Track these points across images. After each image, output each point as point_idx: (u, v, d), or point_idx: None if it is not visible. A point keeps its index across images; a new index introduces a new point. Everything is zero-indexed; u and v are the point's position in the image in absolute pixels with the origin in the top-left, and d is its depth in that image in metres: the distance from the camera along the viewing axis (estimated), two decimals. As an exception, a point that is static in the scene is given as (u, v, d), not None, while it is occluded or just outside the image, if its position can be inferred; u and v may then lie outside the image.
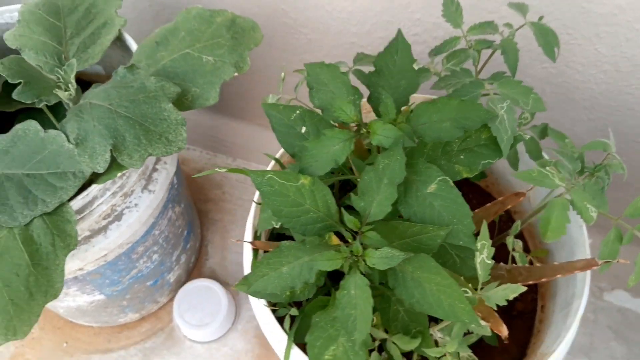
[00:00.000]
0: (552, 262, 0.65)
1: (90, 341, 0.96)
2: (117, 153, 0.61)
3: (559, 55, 0.58)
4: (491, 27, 0.57)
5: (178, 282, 0.97)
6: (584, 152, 0.53)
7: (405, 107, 0.53)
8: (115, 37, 0.73)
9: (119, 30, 0.74)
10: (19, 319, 0.59)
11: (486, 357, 0.62)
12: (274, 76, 0.92)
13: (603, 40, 0.67)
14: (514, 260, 0.60)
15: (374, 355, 0.52)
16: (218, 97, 0.67)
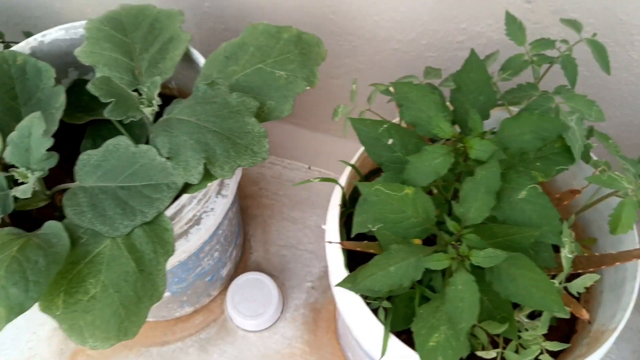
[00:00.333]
0: (598, 249, 0.73)
1: (147, 335, 1.02)
2: (210, 165, 0.66)
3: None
4: (549, 43, 0.64)
5: (228, 276, 1.03)
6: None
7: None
8: (184, 52, 0.78)
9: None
10: (129, 321, 0.65)
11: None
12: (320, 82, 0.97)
13: (636, 48, 0.75)
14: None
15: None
16: (292, 109, 0.73)
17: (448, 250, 0.53)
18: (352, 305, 0.64)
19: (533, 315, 0.60)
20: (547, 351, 0.57)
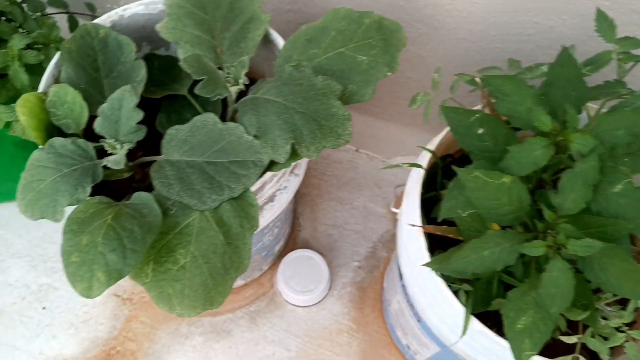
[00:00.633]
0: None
1: (199, 305, 1.04)
2: (297, 145, 0.69)
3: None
4: (637, 42, 0.65)
5: (279, 251, 1.06)
6: None
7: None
8: (264, 33, 0.79)
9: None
10: (216, 291, 0.67)
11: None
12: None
13: None
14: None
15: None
16: (373, 94, 0.74)
17: (546, 237, 0.55)
18: (430, 287, 0.67)
19: (609, 305, 0.63)
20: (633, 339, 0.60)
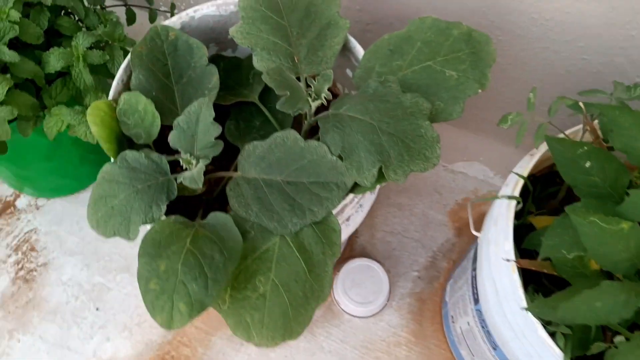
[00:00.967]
0: None
1: (253, 311, 1.02)
2: (385, 169, 0.65)
3: None
4: None
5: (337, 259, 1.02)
6: None
7: None
8: (343, 41, 0.75)
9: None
10: (296, 321, 0.64)
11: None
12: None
13: None
14: None
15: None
16: (462, 112, 0.70)
17: (671, 292, 0.51)
18: (520, 324, 0.63)
19: None
20: None
